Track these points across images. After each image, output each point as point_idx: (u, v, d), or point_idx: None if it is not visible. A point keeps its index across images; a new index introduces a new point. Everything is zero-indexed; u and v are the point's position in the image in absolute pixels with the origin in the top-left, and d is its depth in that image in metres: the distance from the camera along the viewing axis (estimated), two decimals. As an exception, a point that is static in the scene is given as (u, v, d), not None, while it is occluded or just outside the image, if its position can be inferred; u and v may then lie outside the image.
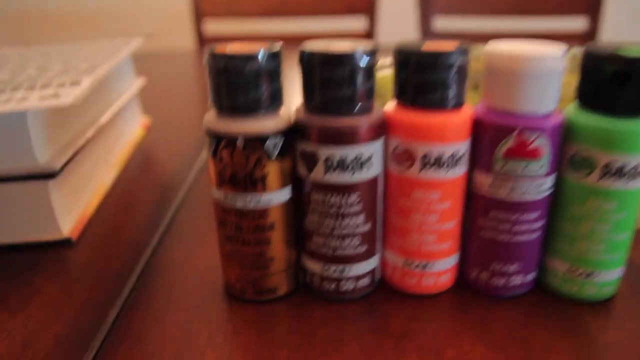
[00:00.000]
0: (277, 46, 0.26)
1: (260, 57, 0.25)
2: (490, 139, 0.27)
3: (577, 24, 1.16)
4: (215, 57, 0.25)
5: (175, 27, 1.56)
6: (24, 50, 0.53)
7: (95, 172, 0.44)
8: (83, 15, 1.78)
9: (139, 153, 0.55)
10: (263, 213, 0.28)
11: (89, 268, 0.35)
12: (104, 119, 0.45)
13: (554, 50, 0.26)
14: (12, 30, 1.80)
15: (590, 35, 1.15)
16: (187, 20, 1.44)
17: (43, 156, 0.35)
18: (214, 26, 1.25)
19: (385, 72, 0.39)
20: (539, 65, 0.26)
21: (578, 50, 0.38)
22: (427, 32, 1.20)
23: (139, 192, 0.46)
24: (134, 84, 0.57)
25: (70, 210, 0.39)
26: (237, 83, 0.25)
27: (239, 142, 0.26)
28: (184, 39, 1.54)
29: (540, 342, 0.27)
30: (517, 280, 0.30)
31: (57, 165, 0.35)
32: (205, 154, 0.53)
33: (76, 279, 0.34)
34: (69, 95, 0.32)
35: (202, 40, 1.22)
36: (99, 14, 1.78)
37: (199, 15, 1.21)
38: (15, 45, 0.59)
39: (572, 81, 0.36)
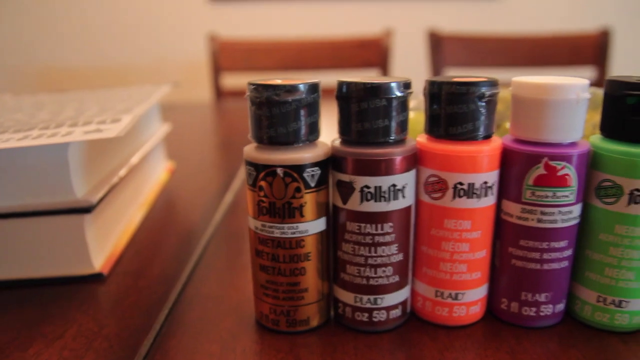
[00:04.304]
0: (316, 80, 0.28)
1: (301, 89, 0.27)
2: (519, 168, 0.28)
3: (585, 74, 1.20)
4: (259, 89, 0.27)
5: (195, 80, 1.62)
6: (59, 95, 0.56)
7: (125, 210, 0.46)
8: (105, 70, 1.85)
9: (165, 195, 0.56)
10: (299, 242, 0.29)
11: (120, 301, 0.35)
12: (134, 159, 0.46)
13: (579, 80, 0.27)
14: (37, 84, 1.86)
15: (598, 84, 1.19)
16: (206, 74, 1.49)
17: (80, 191, 0.36)
18: (231, 80, 1.29)
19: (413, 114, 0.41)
20: (565, 94, 0.27)
21: (597, 90, 0.40)
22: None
23: (167, 231, 0.47)
24: (161, 129, 0.59)
25: (102, 246, 0.40)
26: (279, 114, 0.27)
27: (279, 172, 0.27)
28: (202, 92, 1.59)
29: (576, 372, 0.27)
30: (547, 310, 0.30)
31: (94, 199, 0.36)
32: (230, 197, 0.55)
33: (108, 311, 0.34)
34: (113, 129, 0.33)
35: (220, 93, 1.26)
36: (120, 69, 1.85)
37: (217, 69, 1.25)
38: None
39: (592, 118, 0.37)
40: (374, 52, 1.30)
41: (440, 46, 1.29)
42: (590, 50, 1.25)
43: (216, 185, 0.60)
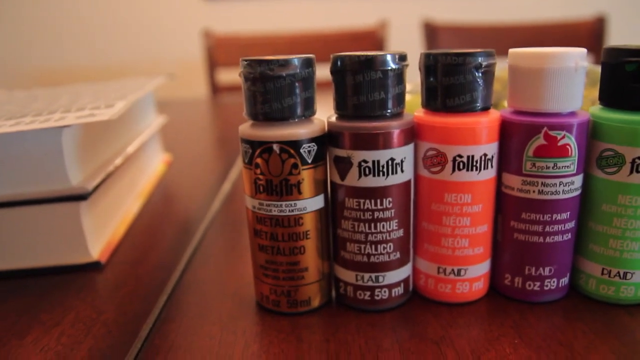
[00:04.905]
0: (310, 55, 0.27)
1: (295, 63, 0.26)
2: (518, 139, 0.28)
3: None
4: (252, 65, 0.26)
5: (190, 77, 1.61)
6: (52, 89, 0.55)
7: (122, 200, 0.45)
8: (101, 68, 1.84)
9: (162, 186, 0.56)
10: (298, 220, 0.28)
11: (119, 288, 0.35)
12: (130, 148, 0.46)
13: (577, 49, 0.27)
14: (33, 84, 1.85)
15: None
16: (202, 70, 1.49)
17: (76, 178, 0.36)
18: (227, 75, 1.28)
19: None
20: (563, 62, 0.27)
21: (594, 66, 0.39)
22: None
23: (164, 220, 0.47)
24: (156, 120, 0.59)
25: (99, 234, 0.39)
26: (274, 89, 0.26)
27: (275, 148, 0.27)
28: (198, 88, 1.58)
29: (581, 344, 0.27)
30: (551, 284, 0.30)
31: (89, 187, 0.36)
32: (227, 187, 0.54)
33: (107, 298, 0.34)
34: (107, 113, 0.33)
35: (216, 88, 1.26)
36: (116, 67, 1.84)
37: (213, 65, 1.25)
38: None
39: (590, 94, 0.37)
40: (369, 44, 1.30)
41: (435, 36, 1.29)
42: (586, 36, 1.25)
43: (213, 176, 0.59)
